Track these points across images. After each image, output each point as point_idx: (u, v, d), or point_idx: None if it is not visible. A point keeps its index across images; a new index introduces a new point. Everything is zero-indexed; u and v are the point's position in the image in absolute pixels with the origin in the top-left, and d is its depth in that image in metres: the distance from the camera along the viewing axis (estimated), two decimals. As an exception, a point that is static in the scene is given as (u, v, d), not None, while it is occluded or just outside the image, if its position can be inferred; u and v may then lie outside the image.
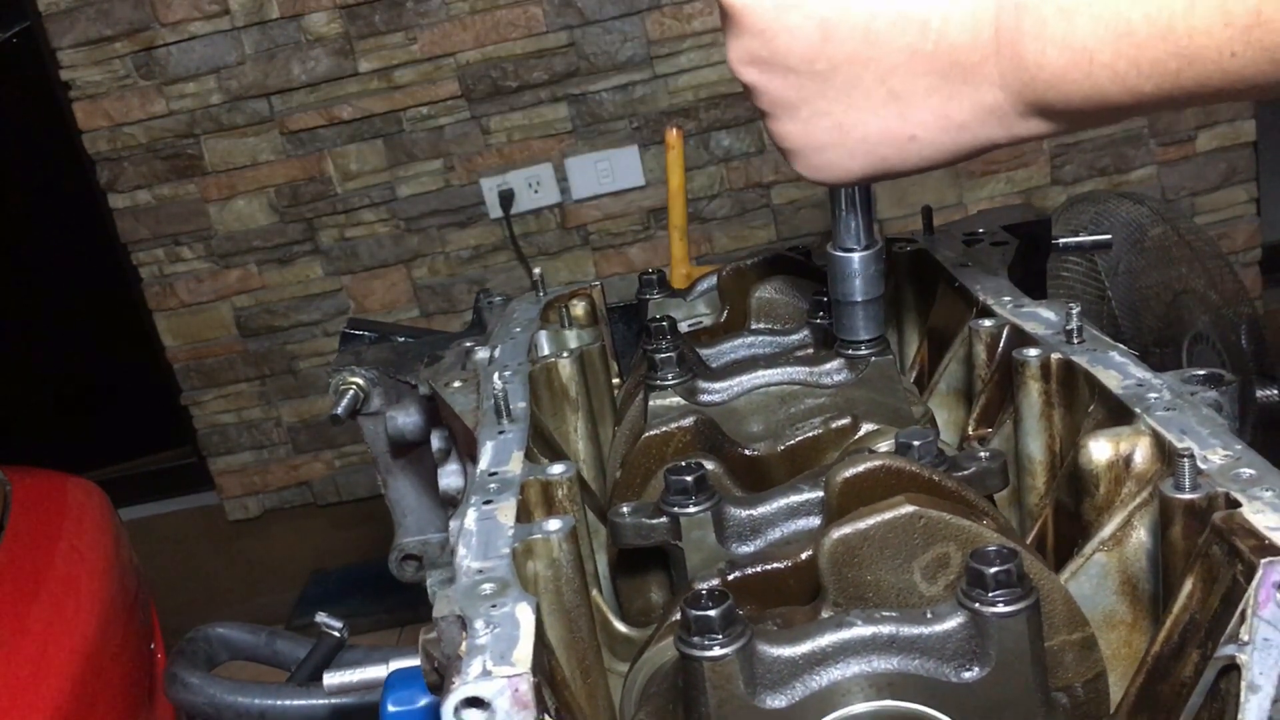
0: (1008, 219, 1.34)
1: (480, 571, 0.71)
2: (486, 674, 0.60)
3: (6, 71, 3.67)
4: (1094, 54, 0.60)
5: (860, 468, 0.76)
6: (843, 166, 0.74)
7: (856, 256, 0.95)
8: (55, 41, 3.25)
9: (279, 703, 1.36)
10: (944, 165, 0.73)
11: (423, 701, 0.91)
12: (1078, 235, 1.38)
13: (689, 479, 0.82)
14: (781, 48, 0.70)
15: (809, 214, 3.45)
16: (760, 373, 1.03)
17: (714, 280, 1.29)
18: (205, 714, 1.41)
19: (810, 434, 0.96)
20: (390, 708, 0.93)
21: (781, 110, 0.73)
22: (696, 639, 0.64)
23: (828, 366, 1.02)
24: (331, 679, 0.90)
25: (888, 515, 0.70)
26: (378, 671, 0.90)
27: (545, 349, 1.16)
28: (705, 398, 1.02)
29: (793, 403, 1.02)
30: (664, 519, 0.83)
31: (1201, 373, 0.83)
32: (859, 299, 0.96)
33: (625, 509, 0.85)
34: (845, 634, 0.66)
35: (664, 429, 0.94)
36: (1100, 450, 0.77)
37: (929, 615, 0.66)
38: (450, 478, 1.18)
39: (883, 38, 0.67)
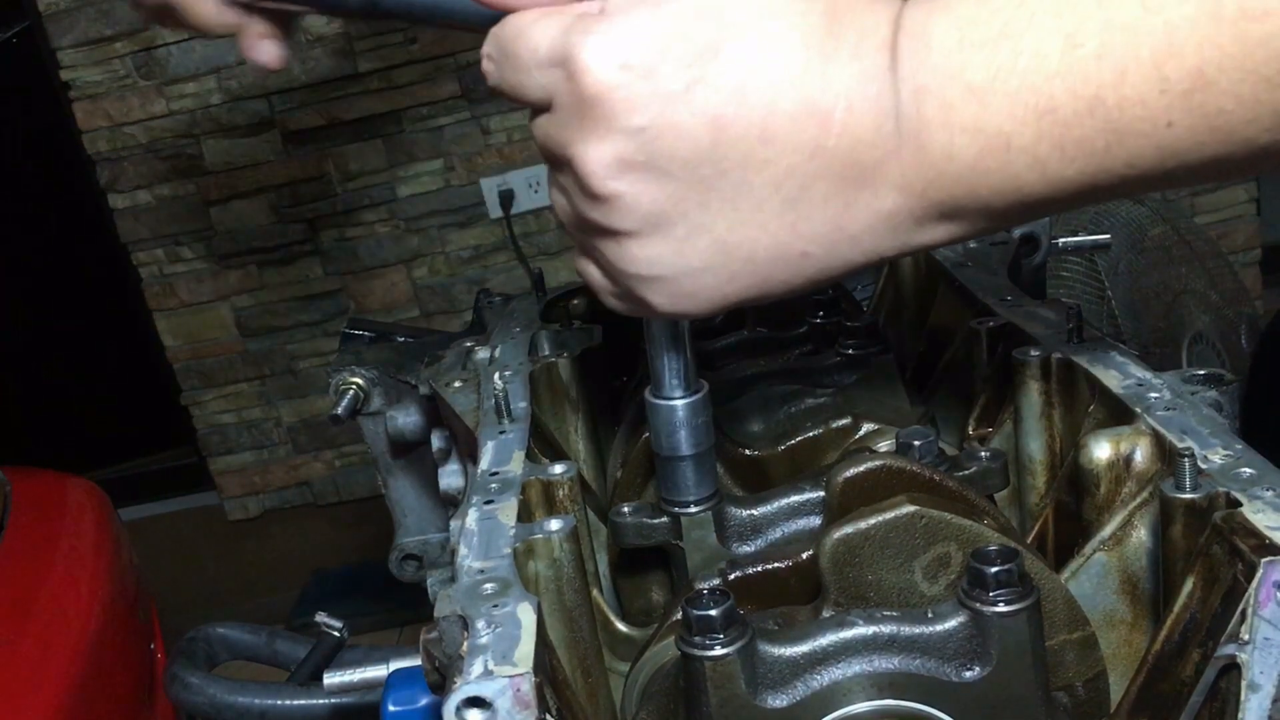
0: (1008, 219, 1.33)
1: (481, 571, 0.71)
2: (488, 674, 0.60)
3: (6, 71, 3.67)
4: (1011, 138, 0.52)
5: (861, 467, 0.76)
6: (718, 293, 0.62)
7: (680, 404, 0.80)
8: (55, 41, 3.25)
9: (279, 702, 1.36)
10: (829, 284, 0.63)
11: (423, 701, 0.91)
12: (1077, 235, 1.38)
13: (689, 479, 0.82)
14: (663, 149, 0.58)
15: (809, 214, 3.45)
16: (761, 372, 1.03)
17: (714, 280, 1.29)
18: (205, 714, 1.41)
19: (811, 434, 0.96)
20: (391, 707, 0.92)
21: (651, 228, 0.60)
22: (698, 639, 0.64)
23: (828, 366, 1.02)
24: (331, 679, 0.90)
25: (889, 515, 0.70)
26: (378, 671, 0.90)
27: (546, 349, 1.16)
28: (706, 397, 1.02)
29: (793, 402, 1.02)
30: (665, 519, 0.83)
31: (1202, 372, 0.83)
32: (688, 453, 0.81)
33: (626, 509, 0.85)
34: (846, 634, 0.66)
35: (664, 429, 0.94)
36: (1101, 450, 0.77)
37: (930, 615, 0.66)
38: (450, 478, 1.18)
39: (781, 134, 0.56)
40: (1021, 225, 1.17)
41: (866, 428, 0.95)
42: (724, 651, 0.63)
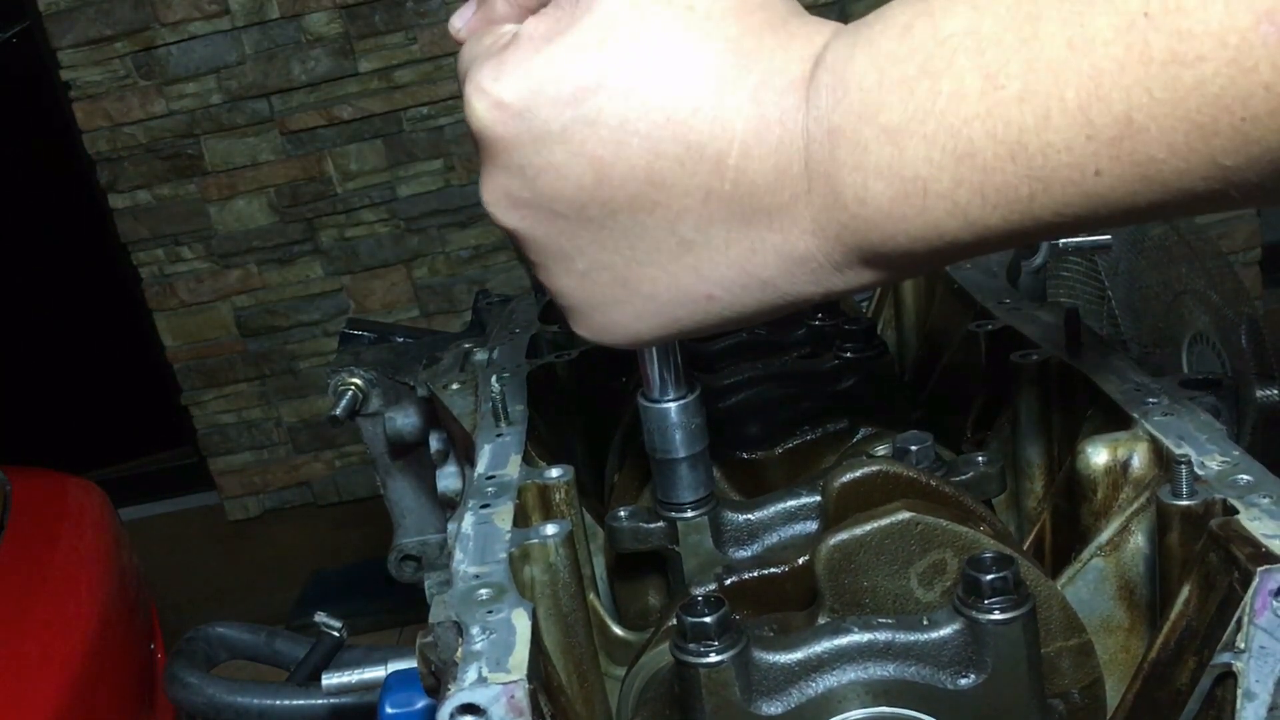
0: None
1: (477, 576, 0.71)
2: (482, 681, 0.60)
3: (6, 71, 3.67)
4: (928, 183, 0.49)
5: (857, 473, 0.76)
6: (629, 329, 0.61)
7: (673, 407, 0.81)
8: (55, 41, 3.25)
9: (278, 702, 1.36)
10: (747, 325, 0.61)
11: (420, 703, 0.91)
12: (1077, 235, 1.37)
13: (686, 483, 0.82)
14: (546, 189, 0.56)
15: (809, 214, 3.45)
16: (758, 375, 1.03)
17: (713, 282, 1.29)
18: (205, 714, 1.41)
19: (808, 438, 0.96)
20: (388, 709, 0.92)
21: (552, 261, 0.59)
22: (692, 645, 0.64)
23: (826, 369, 1.02)
24: (330, 679, 0.90)
25: (884, 521, 0.70)
26: (376, 672, 0.90)
27: (544, 350, 1.16)
28: (703, 401, 1.02)
29: (790, 406, 1.02)
30: (661, 523, 0.83)
31: (1199, 377, 0.83)
32: (682, 455, 0.82)
33: (623, 513, 0.85)
34: (841, 640, 0.66)
35: (662, 432, 0.94)
36: (1098, 455, 0.77)
37: (925, 622, 0.66)
38: (448, 479, 1.17)
39: (670, 178, 0.54)
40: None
41: (864, 431, 0.95)
42: (719, 659, 0.63)
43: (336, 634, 1.50)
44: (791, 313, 0.61)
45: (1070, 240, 1.42)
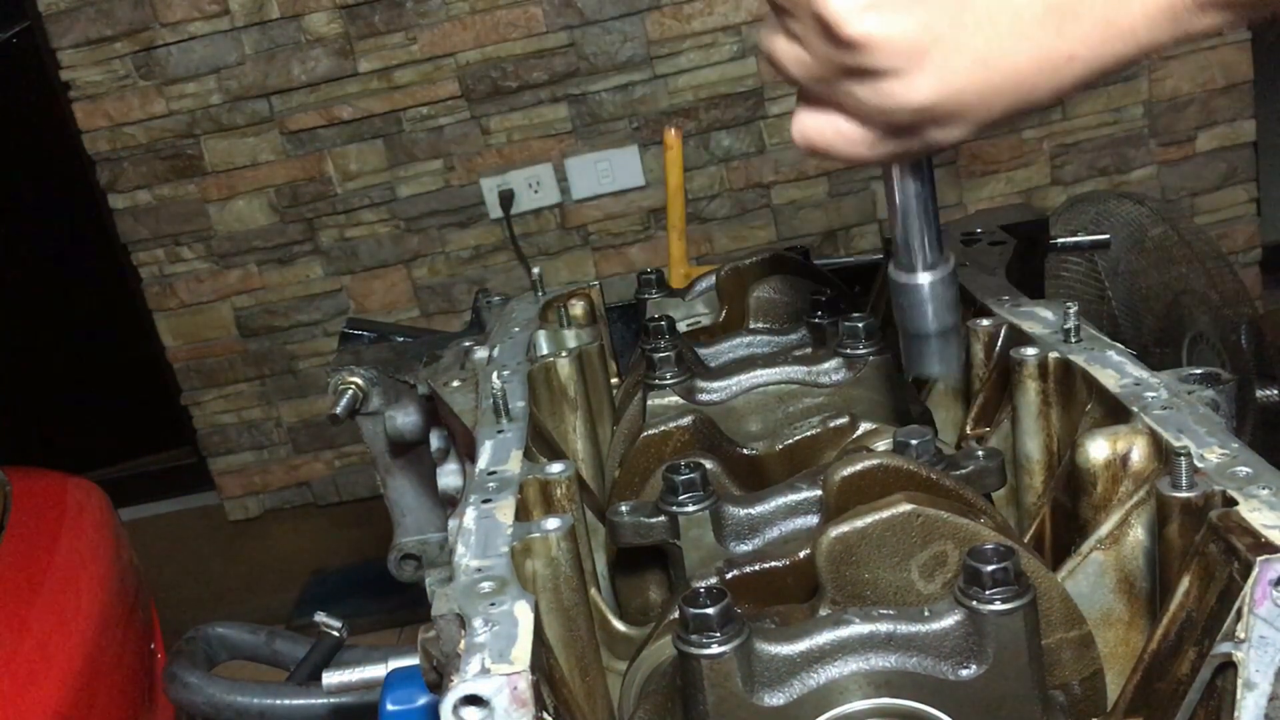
0: (1005, 219, 1.34)
1: (479, 570, 0.72)
2: (485, 672, 0.60)
3: (6, 71, 3.67)
4: None
5: (858, 466, 0.76)
6: (983, 109, 0.60)
7: (927, 281, 0.79)
8: (55, 41, 3.26)
9: (278, 702, 1.36)
10: (1094, 84, 0.61)
11: (421, 700, 0.91)
12: (1077, 235, 1.38)
13: (687, 478, 0.83)
14: None
15: (809, 214, 3.45)
16: (758, 372, 1.03)
17: (712, 280, 1.30)
18: (205, 713, 1.41)
19: (808, 433, 0.96)
20: (389, 706, 0.93)
21: (907, 60, 0.58)
22: (695, 637, 0.64)
23: (826, 366, 1.02)
24: (331, 678, 0.90)
25: (885, 514, 0.70)
26: (377, 671, 0.91)
27: (544, 348, 1.16)
28: (703, 397, 1.02)
29: (791, 402, 1.02)
30: (662, 518, 0.83)
31: (1198, 371, 0.83)
32: (932, 330, 0.80)
33: (624, 508, 0.85)
34: (843, 632, 0.66)
35: (662, 428, 0.94)
36: (1098, 449, 0.77)
37: (926, 613, 0.66)
38: (449, 477, 1.18)
39: None
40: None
41: (864, 427, 0.95)
42: (721, 650, 0.64)
43: (336, 634, 1.50)
44: (1140, 60, 0.62)
45: (1069, 240, 1.42)
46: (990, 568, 0.64)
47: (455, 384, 1.10)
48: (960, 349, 0.84)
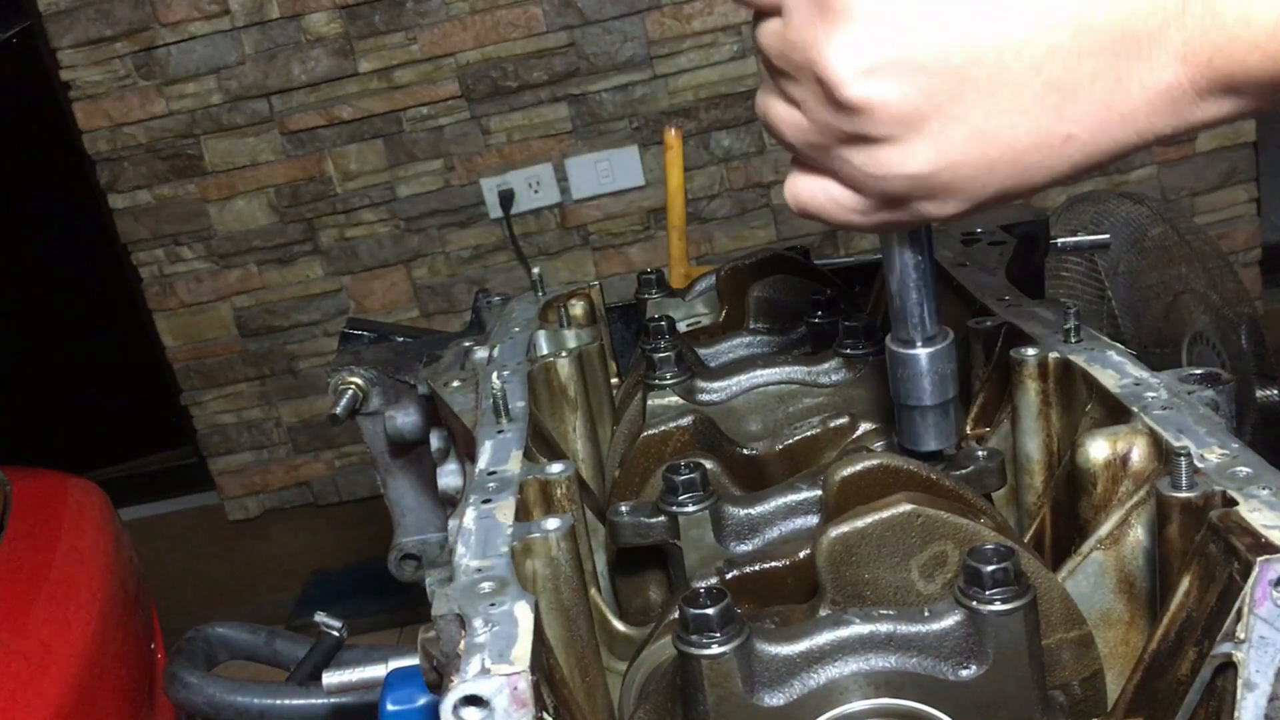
0: (1005, 219, 1.34)
1: (479, 570, 0.72)
2: (485, 672, 0.60)
3: (6, 71, 3.67)
4: None
5: (858, 466, 0.76)
6: (978, 185, 0.60)
7: (924, 353, 0.79)
8: (55, 41, 3.26)
9: (278, 702, 1.36)
10: (1089, 172, 0.61)
11: (421, 700, 0.91)
12: (1077, 235, 1.38)
13: (687, 478, 0.83)
14: (913, 46, 0.56)
15: (809, 214, 3.45)
16: (758, 372, 1.03)
17: (712, 280, 1.30)
18: (205, 713, 1.41)
19: (808, 433, 0.96)
20: (389, 707, 0.93)
21: (905, 129, 0.58)
22: (694, 637, 0.64)
23: (825, 366, 1.02)
24: (331, 678, 0.90)
25: (885, 514, 0.70)
26: (377, 671, 0.91)
27: (544, 348, 1.16)
28: (703, 397, 1.02)
29: (791, 402, 1.02)
30: (662, 518, 0.83)
31: (1199, 372, 0.83)
32: (930, 403, 0.80)
33: (624, 508, 0.85)
34: (843, 632, 0.66)
35: (662, 428, 0.94)
36: (1098, 449, 0.77)
37: (926, 613, 0.66)
38: (449, 477, 1.18)
39: (1040, 13, 0.54)
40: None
41: (864, 427, 0.95)
42: (721, 650, 0.64)
43: (336, 634, 1.50)
44: (1129, 155, 0.61)
45: (1070, 240, 1.42)
46: (990, 568, 0.64)
47: (455, 384, 1.10)
48: (958, 422, 0.84)
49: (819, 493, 0.81)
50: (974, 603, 0.64)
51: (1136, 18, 0.53)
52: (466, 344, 1.23)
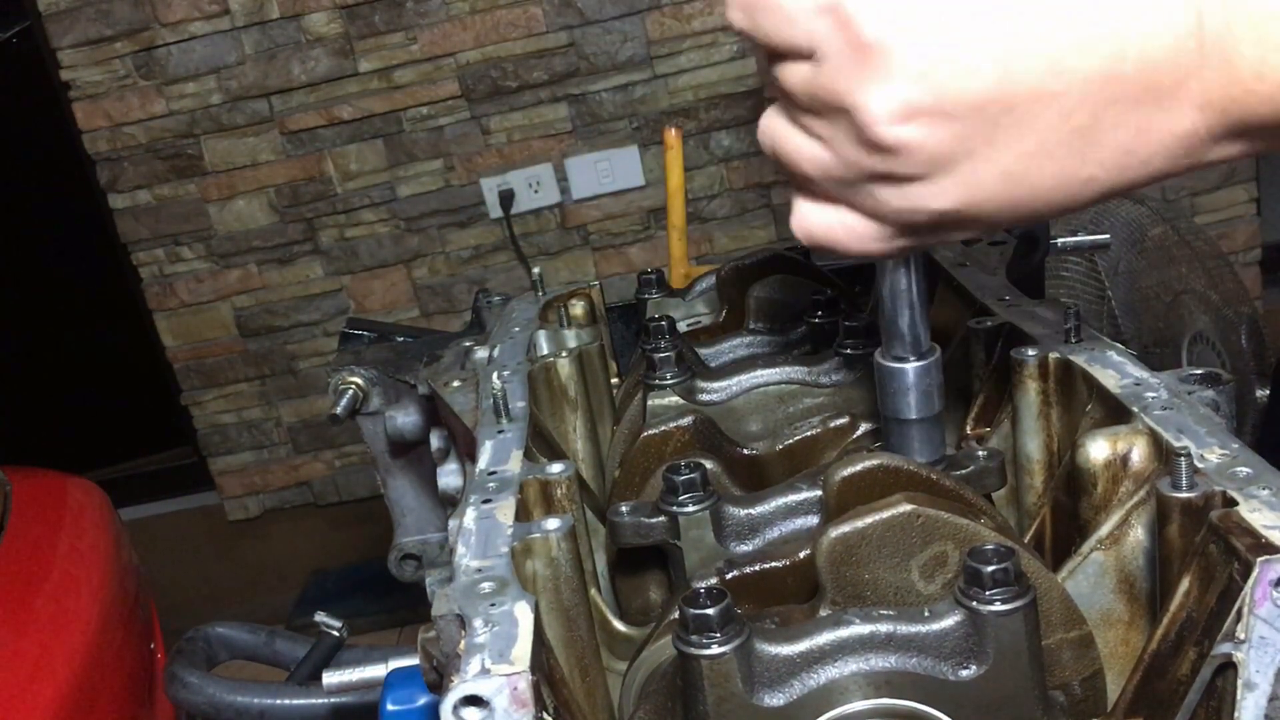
0: (1006, 219, 1.34)
1: (479, 570, 0.72)
2: (485, 672, 0.60)
3: (6, 71, 3.67)
4: None
5: (858, 467, 0.76)
6: (997, 218, 0.62)
7: (911, 368, 0.81)
8: (55, 41, 3.26)
9: (278, 702, 1.36)
10: (1110, 199, 0.63)
11: (422, 700, 0.91)
12: (1077, 235, 1.38)
13: (687, 478, 0.83)
14: (951, 93, 0.57)
15: (809, 214, 3.45)
16: (759, 372, 1.03)
17: (712, 280, 1.30)
18: (205, 713, 1.41)
19: (808, 433, 0.96)
20: (389, 706, 0.93)
21: (937, 170, 0.59)
22: (695, 638, 0.64)
23: (826, 366, 1.02)
24: (331, 678, 0.90)
25: (886, 514, 0.70)
26: (377, 671, 0.91)
27: (544, 348, 1.16)
28: (704, 397, 1.02)
29: (791, 402, 1.02)
30: (663, 518, 0.83)
31: (1199, 372, 0.83)
32: (913, 417, 0.82)
33: (624, 508, 0.85)
34: (843, 632, 0.66)
35: (663, 428, 0.94)
36: (1098, 449, 0.77)
37: (927, 614, 0.66)
38: (449, 477, 1.18)
39: (1072, 65, 0.56)
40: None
41: (864, 427, 0.95)
42: (721, 650, 0.64)
43: (336, 634, 1.50)
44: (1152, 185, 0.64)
45: (1070, 240, 1.42)
46: (990, 568, 0.64)
47: (455, 384, 1.10)
48: (944, 436, 0.85)
49: (819, 493, 0.81)
50: (974, 603, 0.64)
51: (1161, 71, 0.56)
52: (467, 344, 1.23)
